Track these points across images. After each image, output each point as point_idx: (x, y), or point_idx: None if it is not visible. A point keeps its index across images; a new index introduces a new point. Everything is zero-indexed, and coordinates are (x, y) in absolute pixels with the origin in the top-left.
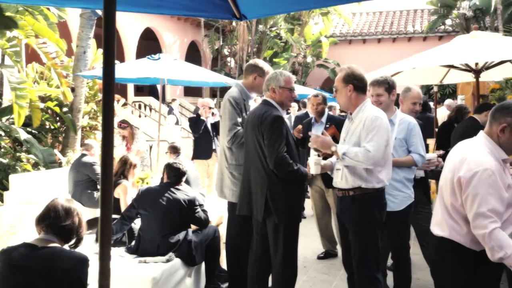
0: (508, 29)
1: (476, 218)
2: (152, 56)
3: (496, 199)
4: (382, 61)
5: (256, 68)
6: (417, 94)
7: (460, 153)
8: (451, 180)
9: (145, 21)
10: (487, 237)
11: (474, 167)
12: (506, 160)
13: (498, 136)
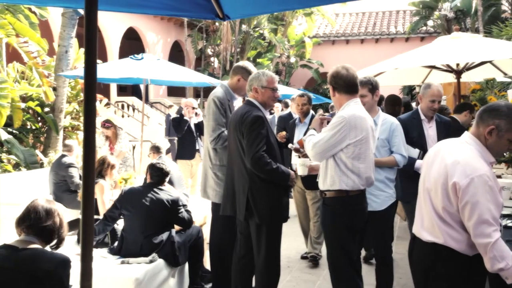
0: (488, 30)
1: (478, 226)
2: (135, 56)
3: (494, 205)
4: (365, 62)
5: (241, 70)
6: (436, 91)
7: (450, 156)
8: (444, 184)
9: (128, 21)
10: (491, 246)
11: (470, 173)
12: (493, 162)
13: (486, 138)
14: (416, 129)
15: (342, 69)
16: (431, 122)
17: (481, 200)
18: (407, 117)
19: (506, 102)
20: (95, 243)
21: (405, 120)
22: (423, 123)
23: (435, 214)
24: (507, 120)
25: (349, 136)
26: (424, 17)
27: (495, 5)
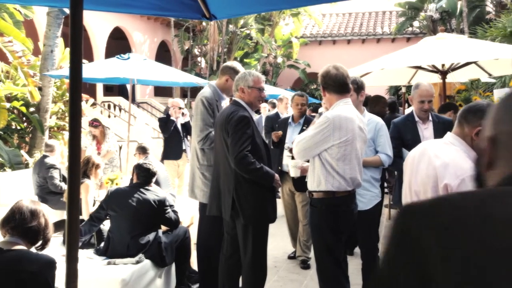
0: (473, 31)
1: None
2: (122, 56)
3: None
4: (352, 62)
5: (230, 70)
6: (424, 91)
7: (438, 158)
8: (434, 187)
9: (114, 20)
10: None
11: (460, 174)
12: None
13: (472, 139)
14: (410, 131)
15: (332, 69)
16: (426, 123)
17: None
18: (402, 119)
19: (487, 101)
20: (81, 244)
21: (399, 123)
22: (417, 125)
23: None
24: None
25: (332, 137)
26: (410, 18)
27: (479, 6)
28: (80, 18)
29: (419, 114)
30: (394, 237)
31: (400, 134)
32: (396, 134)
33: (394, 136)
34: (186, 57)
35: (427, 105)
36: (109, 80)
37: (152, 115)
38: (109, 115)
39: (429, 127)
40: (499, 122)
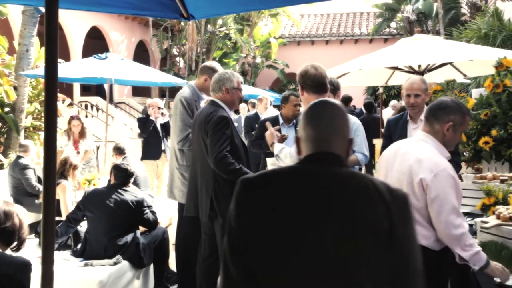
0: (449, 33)
1: (449, 218)
2: (99, 55)
3: (459, 197)
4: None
5: (208, 70)
6: (409, 84)
7: (412, 155)
8: (409, 183)
9: (91, 20)
10: (464, 235)
11: (434, 169)
12: (448, 157)
13: (444, 134)
14: (399, 130)
15: (310, 68)
16: (417, 122)
17: (448, 192)
18: (396, 117)
19: (450, 98)
20: (57, 245)
21: (391, 121)
22: (408, 124)
23: None
24: (459, 114)
25: None
26: (387, 19)
27: (455, 8)
28: (56, 17)
29: (409, 110)
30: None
31: (389, 133)
32: (387, 132)
33: (385, 135)
34: (165, 57)
35: (412, 99)
36: (86, 80)
37: (130, 115)
38: (86, 115)
39: (419, 127)
40: (300, 125)
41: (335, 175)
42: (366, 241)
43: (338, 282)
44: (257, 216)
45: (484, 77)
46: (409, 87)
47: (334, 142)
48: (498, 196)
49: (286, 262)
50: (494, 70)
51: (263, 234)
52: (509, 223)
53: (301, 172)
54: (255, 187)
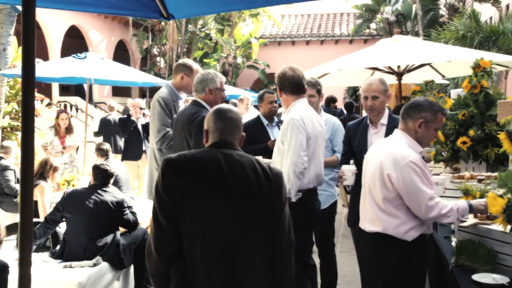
0: (428, 34)
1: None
2: (78, 55)
3: (428, 183)
4: (311, 63)
5: (183, 67)
6: (366, 85)
7: (383, 151)
8: (380, 176)
9: (70, 19)
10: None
11: (401, 161)
12: (422, 152)
13: (416, 131)
14: (359, 135)
15: (288, 70)
16: (378, 126)
17: (417, 181)
18: (355, 122)
19: (424, 97)
20: (35, 247)
21: (351, 126)
22: (368, 129)
23: (376, 206)
24: (431, 112)
25: (306, 135)
26: (367, 20)
27: (433, 9)
28: (33, 16)
29: (367, 113)
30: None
31: (349, 139)
32: (346, 139)
33: (344, 141)
34: (145, 57)
35: (370, 101)
36: (65, 79)
37: None
38: None
39: (379, 132)
40: (209, 121)
41: (234, 155)
42: (257, 200)
43: (240, 225)
44: (179, 185)
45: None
46: (366, 88)
47: (232, 134)
48: (475, 195)
49: (203, 212)
50: (472, 71)
51: (184, 196)
52: (486, 222)
53: (212, 153)
54: (177, 164)
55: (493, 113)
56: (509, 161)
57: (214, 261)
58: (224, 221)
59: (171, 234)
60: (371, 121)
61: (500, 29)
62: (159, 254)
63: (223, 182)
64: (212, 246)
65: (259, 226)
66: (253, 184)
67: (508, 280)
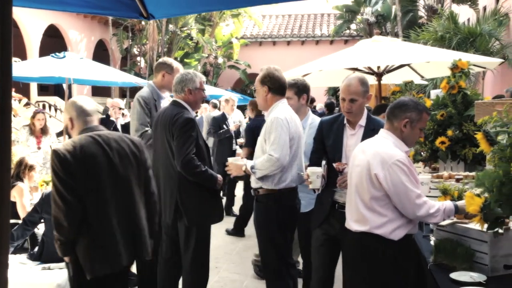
0: (407, 35)
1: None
2: (57, 54)
3: (415, 182)
4: (292, 63)
5: (164, 66)
6: (344, 86)
7: (370, 150)
8: (367, 175)
9: (48, 18)
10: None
11: (388, 160)
12: (407, 152)
13: (401, 131)
14: (334, 135)
15: (275, 71)
16: (355, 128)
17: (404, 180)
18: (330, 119)
19: (409, 97)
20: (13, 249)
21: (325, 123)
22: (344, 129)
23: (363, 205)
24: (416, 111)
25: (289, 134)
26: (347, 20)
27: (412, 11)
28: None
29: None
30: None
31: (322, 137)
32: (318, 135)
33: (316, 138)
34: (125, 56)
35: (347, 104)
36: (44, 79)
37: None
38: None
39: (357, 134)
40: (69, 110)
41: (111, 134)
42: (138, 166)
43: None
44: (77, 168)
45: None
46: (344, 89)
47: (96, 117)
48: (453, 194)
49: (101, 182)
50: (450, 72)
51: (83, 173)
52: (464, 221)
53: (94, 137)
54: (68, 153)
55: (470, 114)
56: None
57: (115, 216)
58: (119, 187)
59: (78, 207)
60: (349, 121)
61: (477, 31)
62: (70, 225)
63: (109, 158)
64: (112, 206)
65: (138, 181)
66: (134, 154)
67: (485, 278)
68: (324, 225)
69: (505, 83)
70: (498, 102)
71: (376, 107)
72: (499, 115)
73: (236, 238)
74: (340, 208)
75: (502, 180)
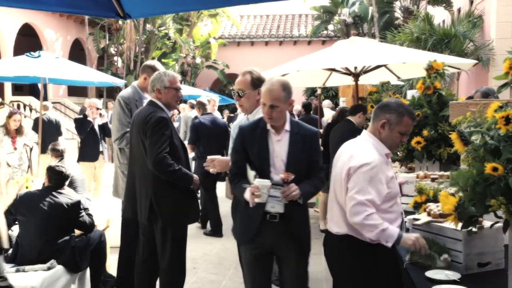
0: (383, 36)
1: (354, 206)
2: (32, 54)
3: (375, 191)
4: (269, 63)
5: (147, 68)
6: (264, 90)
7: (348, 152)
8: (340, 176)
9: (23, 16)
10: (364, 219)
11: (360, 160)
12: (388, 154)
13: (379, 132)
14: (258, 143)
15: (260, 72)
16: (281, 132)
17: (363, 183)
18: (250, 125)
19: (396, 99)
20: None
21: (246, 130)
22: (268, 135)
23: (339, 208)
24: (396, 113)
25: None
26: (325, 21)
27: (389, 12)
28: None
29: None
30: None
31: (243, 145)
32: (240, 144)
33: (237, 147)
34: (102, 56)
35: (267, 110)
36: (18, 79)
37: (66, 115)
38: None
39: (283, 139)
40: None
41: None
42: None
43: None
44: None
45: (417, 79)
46: (265, 94)
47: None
48: (429, 194)
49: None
50: (425, 73)
51: None
52: (439, 220)
53: None
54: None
55: (445, 114)
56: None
57: None
58: None
59: None
60: (273, 126)
61: (452, 32)
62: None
63: None
64: None
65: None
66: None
67: (459, 276)
68: (257, 239)
69: (479, 84)
70: (472, 102)
71: (352, 107)
72: (473, 116)
73: (214, 239)
74: (271, 219)
75: (476, 179)
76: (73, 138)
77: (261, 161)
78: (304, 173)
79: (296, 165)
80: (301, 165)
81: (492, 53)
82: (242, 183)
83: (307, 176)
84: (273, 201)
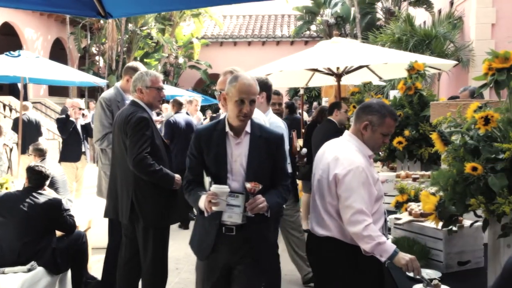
0: (365, 37)
1: (353, 215)
2: (11, 53)
3: (367, 196)
4: (252, 64)
5: (130, 70)
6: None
7: (331, 153)
8: (326, 179)
9: (2, 15)
10: (363, 230)
11: (348, 166)
12: (371, 156)
13: (362, 133)
14: (215, 147)
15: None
16: (241, 135)
17: (356, 189)
18: (207, 127)
19: (378, 100)
20: None
21: (202, 132)
22: (227, 138)
23: (323, 209)
24: (378, 115)
25: None
26: (308, 22)
27: (371, 13)
28: None
29: (233, 121)
30: None
31: (200, 149)
32: (196, 148)
33: (191, 152)
34: (83, 55)
35: (247, 107)
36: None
37: (47, 116)
38: None
39: (243, 142)
40: None
41: None
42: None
43: None
44: None
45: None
46: (245, 89)
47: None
48: (410, 193)
49: None
50: (407, 73)
51: None
52: (420, 219)
53: None
54: None
55: (426, 114)
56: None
57: None
58: None
59: None
60: (232, 128)
61: (433, 33)
62: None
63: None
64: None
65: None
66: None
67: (440, 274)
68: (213, 254)
69: (459, 84)
70: (452, 103)
71: (329, 106)
72: (453, 116)
73: None
74: (228, 232)
75: (456, 179)
76: (54, 138)
77: (218, 166)
78: (268, 181)
79: (257, 171)
80: (264, 171)
81: (472, 54)
82: (198, 190)
83: (272, 185)
84: (231, 210)
